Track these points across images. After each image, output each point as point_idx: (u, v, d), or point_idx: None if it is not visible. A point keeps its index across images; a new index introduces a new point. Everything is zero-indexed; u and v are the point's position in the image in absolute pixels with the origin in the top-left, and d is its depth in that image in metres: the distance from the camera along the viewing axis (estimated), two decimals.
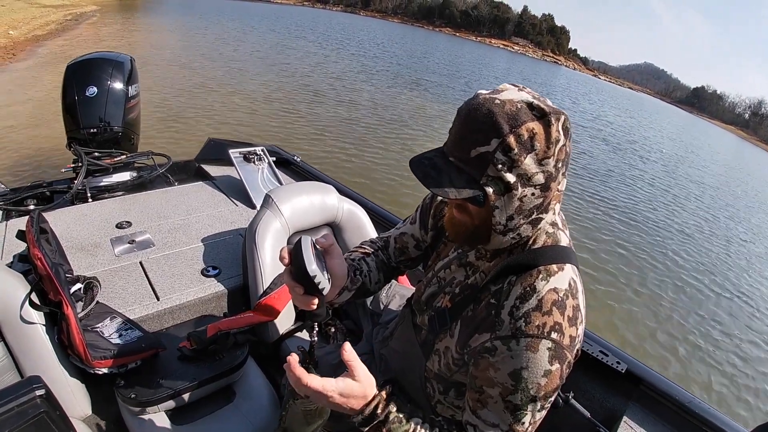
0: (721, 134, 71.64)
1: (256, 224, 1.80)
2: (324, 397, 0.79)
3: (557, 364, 0.79)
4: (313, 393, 0.79)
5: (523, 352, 0.79)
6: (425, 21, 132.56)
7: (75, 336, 1.31)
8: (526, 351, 0.79)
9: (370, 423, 0.83)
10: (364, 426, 0.83)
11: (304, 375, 0.78)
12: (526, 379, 0.79)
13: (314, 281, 0.84)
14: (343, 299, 1.09)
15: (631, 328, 4.77)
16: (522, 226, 0.84)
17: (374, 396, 0.84)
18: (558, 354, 0.79)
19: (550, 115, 0.76)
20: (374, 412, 0.83)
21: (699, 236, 8.62)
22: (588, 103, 30.59)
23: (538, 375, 0.78)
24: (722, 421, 1.42)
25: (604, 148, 14.63)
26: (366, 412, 0.82)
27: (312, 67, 15.21)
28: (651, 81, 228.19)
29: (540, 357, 0.78)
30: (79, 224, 2.17)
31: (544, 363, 0.78)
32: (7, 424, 0.79)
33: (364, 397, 0.82)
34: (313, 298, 0.90)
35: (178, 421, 1.44)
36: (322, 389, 0.78)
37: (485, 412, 0.84)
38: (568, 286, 0.84)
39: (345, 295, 1.08)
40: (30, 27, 13.24)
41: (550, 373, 0.79)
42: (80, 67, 2.76)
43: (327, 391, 0.78)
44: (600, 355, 1.59)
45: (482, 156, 0.77)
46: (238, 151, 2.88)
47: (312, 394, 0.80)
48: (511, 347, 0.80)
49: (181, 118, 7.48)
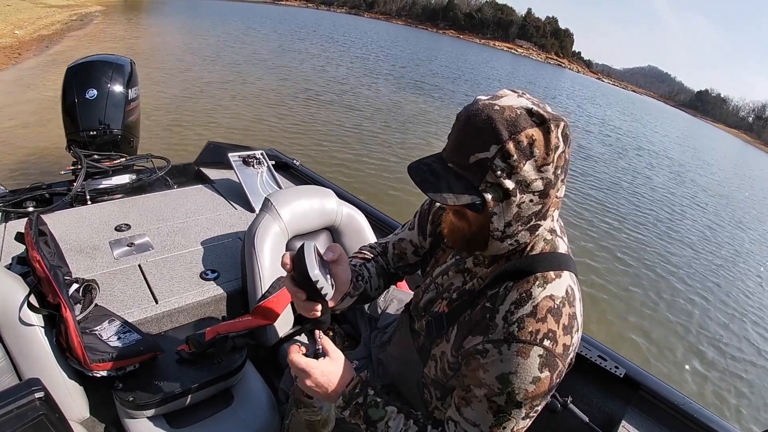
0: (724, 138, 71.57)
1: (255, 228, 1.80)
2: (308, 377, 0.88)
3: (547, 371, 0.79)
4: (300, 373, 0.89)
5: (514, 357, 0.79)
6: (429, 23, 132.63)
7: (73, 339, 1.31)
8: (517, 356, 0.79)
9: (351, 403, 0.89)
10: (346, 408, 0.90)
11: (295, 355, 0.89)
12: (513, 383, 0.79)
13: (317, 287, 0.85)
14: (345, 306, 1.09)
15: (630, 333, 4.77)
16: (520, 232, 0.84)
17: (353, 377, 0.92)
18: (549, 362, 0.79)
19: (550, 122, 0.75)
20: (353, 391, 0.90)
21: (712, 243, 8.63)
22: (593, 107, 30.65)
23: (526, 381, 0.78)
24: (721, 426, 1.41)
25: (610, 153, 14.63)
26: (347, 392, 0.89)
27: (313, 71, 15.20)
28: (655, 84, 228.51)
29: (530, 363, 0.78)
30: (78, 227, 2.17)
31: (534, 370, 0.78)
32: (6, 427, 0.79)
33: (344, 378, 0.91)
34: (316, 304, 0.91)
35: (176, 424, 1.43)
36: (306, 366, 0.88)
37: (468, 410, 0.85)
38: (565, 294, 0.83)
39: (347, 301, 1.09)
40: (35, 27, 13.25)
41: (538, 381, 0.79)
42: (80, 70, 2.76)
43: (310, 369, 0.88)
44: (598, 359, 1.59)
45: (481, 162, 0.76)
46: (238, 155, 2.88)
47: (299, 375, 0.89)
48: (501, 351, 0.80)
49: (181, 121, 7.47)
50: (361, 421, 0.90)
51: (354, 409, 0.90)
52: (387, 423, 0.89)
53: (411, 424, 0.89)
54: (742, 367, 4.75)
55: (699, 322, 5.43)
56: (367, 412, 0.89)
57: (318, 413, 0.91)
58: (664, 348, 4.70)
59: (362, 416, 0.90)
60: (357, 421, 0.90)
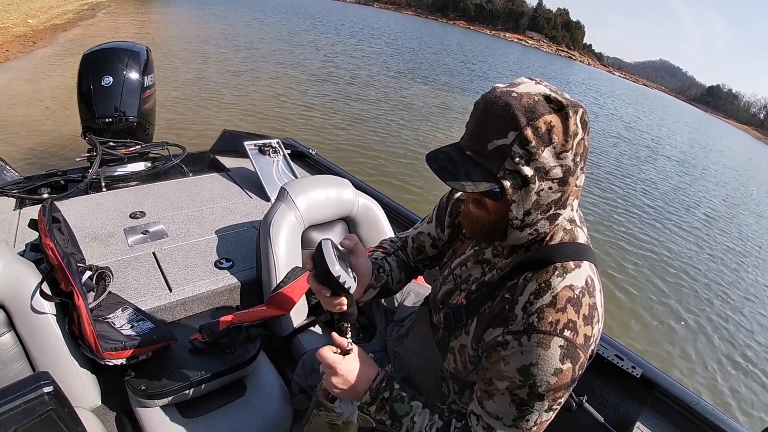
0: (736, 134, 70.38)
1: (271, 217, 1.78)
2: (333, 371, 0.90)
3: (569, 363, 0.78)
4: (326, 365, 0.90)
5: (534, 348, 0.78)
6: (439, 14, 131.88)
7: (86, 327, 1.29)
8: (537, 347, 0.78)
9: (377, 398, 0.90)
10: (372, 403, 0.90)
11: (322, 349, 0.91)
12: (534, 375, 0.78)
13: (339, 281, 0.85)
14: (368, 297, 1.10)
15: (648, 334, 4.70)
16: (539, 221, 0.82)
17: (378, 372, 0.93)
18: (570, 353, 0.78)
19: (568, 108, 0.74)
20: (380, 386, 0.91)
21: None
22: (603, 100, 30.31)
23: (547, 373, 0.77)
24: (737, 431, 1.37)
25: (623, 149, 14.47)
26: (373, 386, 0.91)
27: (330, 61, 15.17)
28: (666, 78, 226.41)
29: (551, 354, 0.77)
30: (93, 213, 2.16)
31: (555, 361, 0.77)
32: (14, 422, 0.77)
33: (370, 373, 0.92)
34: (341, 298, 0.91)
35: (188, 414, 1.43)
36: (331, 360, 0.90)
37: (491, 403, 0.85)
38: (585, 284, 0.82)
39: (370, 293, 1.10)
40: (48, 16, 13.34)
41: (560, 372, 0.78)
42: (96, 57, 2.76)
43: (334, 364, 0.90)
44: (615, 359, 1.56)
45: (499, 149, 0.75)
46: (253, 143, 2.87)
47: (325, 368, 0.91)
48: (522, 342, 0.80)
49: (197, 109, 7.49)
50: (386, 416, 0.90)
51: (380, 404, 0.90)
52: (413, 418, 0.89)
53: (436, 419, 0.89)
54: None
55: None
56: (393, 406, 0.90)
57: (339, 417, 0.90)
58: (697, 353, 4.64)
59: (388, 411, 0.90)
60: (382, 416, 0.91)
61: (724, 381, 4.26)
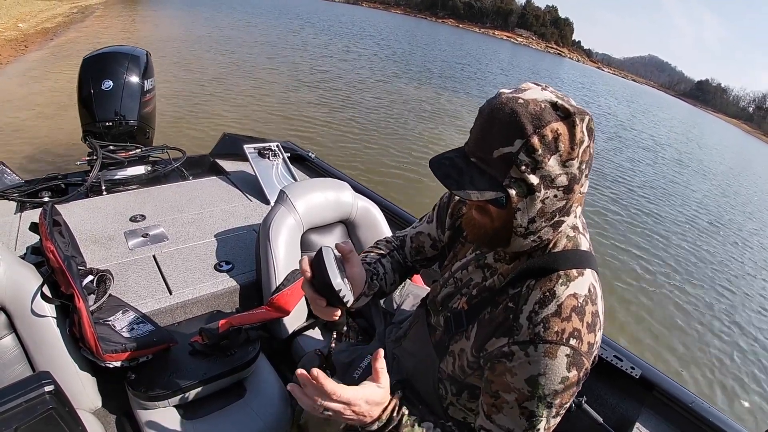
0: (725, 128, 70.29)
1: (270, 220, 1.78)
2: (349, 408, 0.79)
3: (575, 370, 0.78)
4: (340, 406, 0.79)
5: (541, 358, 0.78)
6: (428, 12, 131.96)
7: (86, 329, 1.30)
8: (544, 357, 0.77)
9: (387, 428, 0.85)
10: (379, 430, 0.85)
11: (337, 387, 0.78)
12: (543, 385, 0.78)
13: (339, 295, 0.84)
14: (359, 304, 1.08)
15: (648, 334, 4.70)
16: (543, 228, 0.82)
17: (389, 400, 0.86)
18: (576, 361, 0.78)
19: (575, 116, 0.73)
20: (391, 416, 0.85)
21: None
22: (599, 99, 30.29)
23: (555, 382, 0.77)
24: (737, 431, 1.38)
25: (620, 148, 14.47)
26: (384, 416, 0.84)
27: (327, 65, 15.16)
28: (655, 73, 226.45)
29: (558, 364, 0.77)
30: (93, 217, 2.17)
31: (562, 370, 0.77)
32: (15, 420, 0.77)
33: (384, 403, 0.84)
34: (336, 309, 0.90)
35: (188, 415, 1.43)
36: (352, 399, 0.79)
37: (500, 416, 0.83)
38: (588, 292, 0.82)
39: (362, 300, 1.08)
40: (38, 20, 13.31)
41: (567, 380, 0.77)
42: (96, 61, 2.77)
43: (356, 400, 0.79)
44: (614, 360, 1.56)
45: (505, 157, 0.74)
46: (253, 147, 2.88)
47: (337, 408, 0.79)
48: (529, 353, 0.79)
49: (196, 113, 7.50)
50: None
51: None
52: None
53: None
54: None
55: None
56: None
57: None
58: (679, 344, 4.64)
59: None
60: None
61: (724, 381, 4.27)
